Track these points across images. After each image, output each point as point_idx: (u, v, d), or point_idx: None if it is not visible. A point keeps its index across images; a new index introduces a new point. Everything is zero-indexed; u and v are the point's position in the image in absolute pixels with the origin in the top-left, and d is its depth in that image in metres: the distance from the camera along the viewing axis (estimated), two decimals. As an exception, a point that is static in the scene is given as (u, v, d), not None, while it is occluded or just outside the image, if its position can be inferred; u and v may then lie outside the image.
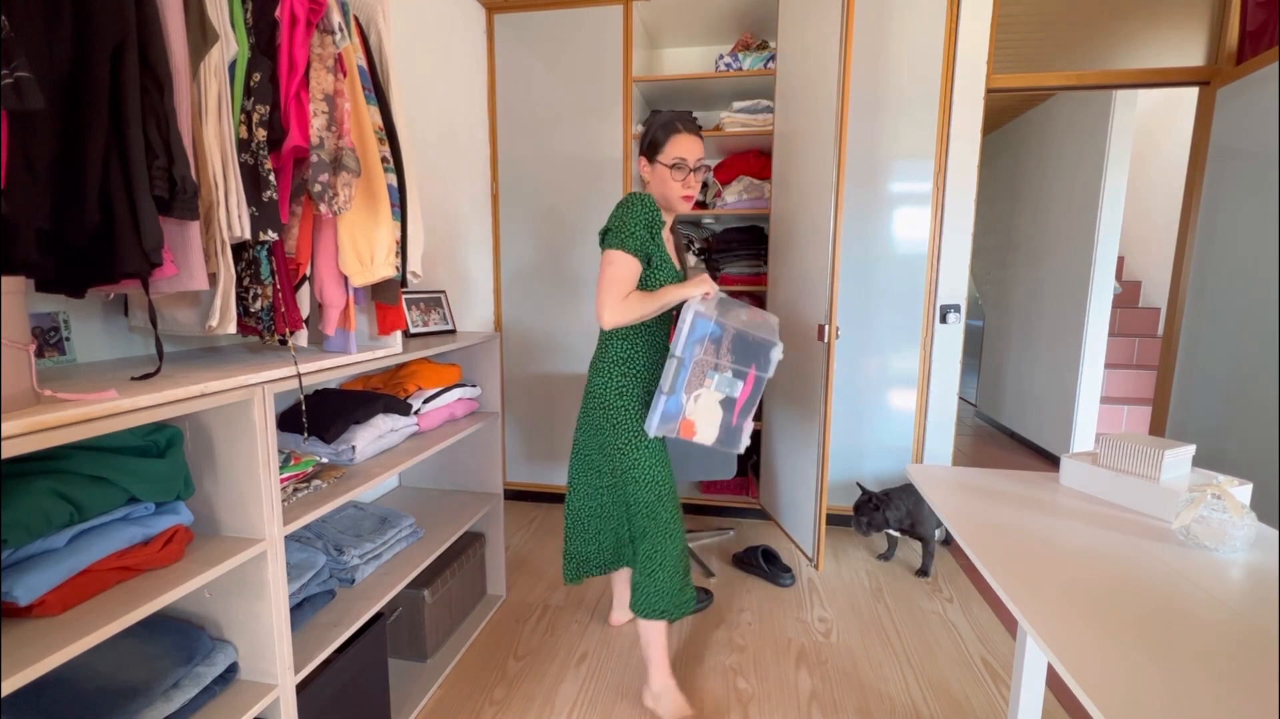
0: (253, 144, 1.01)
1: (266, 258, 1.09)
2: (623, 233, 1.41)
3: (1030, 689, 1.24)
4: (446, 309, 2.04)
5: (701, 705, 1.62)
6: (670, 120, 1.48)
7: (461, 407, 1.85)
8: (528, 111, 2.71)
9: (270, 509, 1.03)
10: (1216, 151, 2.33)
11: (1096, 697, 0.61)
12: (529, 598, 2.15)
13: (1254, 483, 1.04)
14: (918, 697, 1.66)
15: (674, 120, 1.47)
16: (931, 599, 2.15)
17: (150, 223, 0.83)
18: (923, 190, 2.41)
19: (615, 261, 1.40)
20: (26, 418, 0.69)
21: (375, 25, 1.33)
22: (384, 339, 1.42)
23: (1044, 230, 4.11)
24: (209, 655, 1.02)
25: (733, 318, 1.42)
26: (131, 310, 1.12)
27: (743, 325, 1.43)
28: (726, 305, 1.45)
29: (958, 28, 2.31)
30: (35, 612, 0.77)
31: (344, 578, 1.41)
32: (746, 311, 1.48)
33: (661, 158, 1.47)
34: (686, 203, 1.50)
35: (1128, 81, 2.43)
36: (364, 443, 1.42)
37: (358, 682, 1.35)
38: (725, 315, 1.41)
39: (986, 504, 1.13)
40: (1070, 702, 1.63)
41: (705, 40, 2.88)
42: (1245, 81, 2.19)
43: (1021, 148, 4.43)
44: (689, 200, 1.50)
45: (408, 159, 1.38)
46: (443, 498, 1.97)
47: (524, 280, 2.84)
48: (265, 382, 1.02)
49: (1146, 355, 4.21)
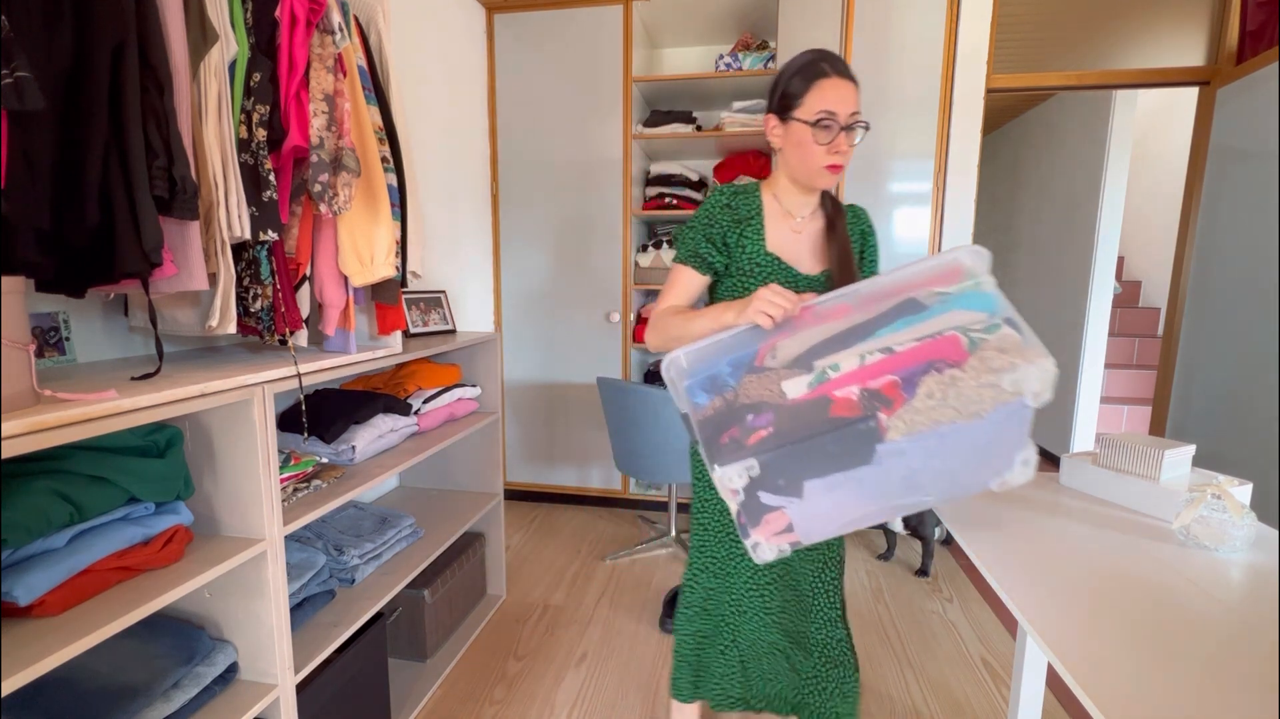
0: (253, 144, 1.01)
1: (266, 258, 1.09)
2: (678, 239, 1.18)
3: (1030, 689, 1.24)
4: (446, 309, 2.04)
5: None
6: (811, 61, 1.05)
7: (461, 407, 1.85)
8: (528, 112, 2.71)
9: (270, 509, 1.03)
10: (1216, 151, 2.33)
11: (1096, 697, 0.61)
12: (529, 598, 2.15)
13: (1254, 483, 1.04)
14: (918, 697, 1.65)
15: (816, 61, 1.05)
16: (931, 599, 2.15)
17: (150, 223, 0.83)
18: (923, 190, 2.41)
19: (669, 274, 1.17)
20: (26, 418, 0.69)
21: (375, 25, 1.33)
22: (384, 339, 1.42)
23: (1044, 230, 4.11)
24: (209, 655, 1.02)
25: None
26: (131, 310, 1.12)
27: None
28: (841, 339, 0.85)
29: (958, 28, 2.30)
30: (35, 612, 0.77)
31: (344, 578, 1.41)
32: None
33: (799, 113, 1.05)
34: (832, 175, 1.07)
35: (1128, 81, 2.43)
36: (364, 443, 1.42)
37: (358, 682, 1.35)
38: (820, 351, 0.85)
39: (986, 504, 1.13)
40: (1070, 702, 1.63)
41: (705, 40, 2.88)
42: (1245, 81, 2.19)
43: (1021, 148, 4.43)
44: (836, 172, 1.06)
45: (408, 159, 1.38)
46: (443, 498, 1.97)
47: (524, 280, 2.84)
48: (265, 381, 1.02)
49: (1146, 355, 4.20)
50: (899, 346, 0.81)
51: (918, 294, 0.85)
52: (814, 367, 0.83)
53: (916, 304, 0.84)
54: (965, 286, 0.83)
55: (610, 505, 2.98)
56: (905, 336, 0.82)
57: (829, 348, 0.85)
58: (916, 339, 0.81)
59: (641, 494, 2.90)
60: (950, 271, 0.86)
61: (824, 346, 0.85)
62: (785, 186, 1.14)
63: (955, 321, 0.81)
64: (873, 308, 0.86)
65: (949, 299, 0.83)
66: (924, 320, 0.82)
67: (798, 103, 1.06)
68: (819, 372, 0.82)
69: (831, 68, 1.04)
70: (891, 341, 0.82)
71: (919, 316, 0.83)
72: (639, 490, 2.91)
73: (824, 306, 0.90)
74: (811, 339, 0.86)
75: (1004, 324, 0.79)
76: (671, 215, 2.78)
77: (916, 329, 0.82)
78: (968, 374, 0.77)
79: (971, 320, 0.80)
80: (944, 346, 0.80)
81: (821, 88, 1.03)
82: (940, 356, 0.79)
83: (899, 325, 0.83)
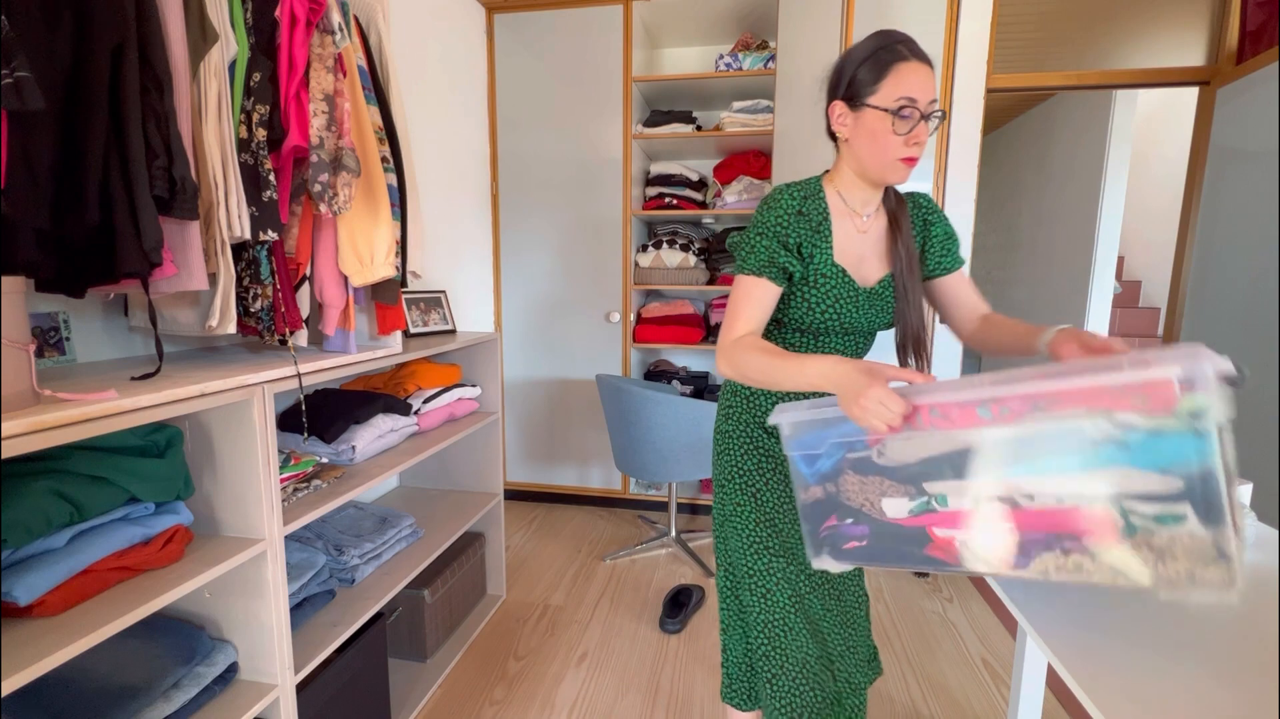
0: (253, 144, 1.01)
1: (266, 258, 1.09)
2: (742, 248, 1.02)
3: (1030, 689, 1.24)
4: (446, 309, 2.04)
5: (701, 705, 1.62)
6: (886, 44, 0.95)
7: (461, 406, 1.85)
8: (528, 112, 2.71)
9: (270, 509, 1.03)
10: (1216, 151, 2.33)
11: (1096, 697, 0.61)
12: (529, 598, 2.15)
13: (1254, 483, 1.04)
14: (918, 697, 1.65)
15: (891, 43, 0.95)
16: (931, 599, 2.15)
17: (150, 222, 0.83)
18: (923, 190, 2.41)
19: (734, 287, 1.02)
20: (26, 418, 0.69)
21: (375, 25, 1.33)
22: (384, 339, 1.42)
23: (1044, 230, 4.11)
24: (209, 655, 1.02)
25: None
26: (131, 310, 1.12)
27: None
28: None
29: (958, 28, 2.30)
30: (35, 612, 0.78)
31: (344, 578, 1.41)
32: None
33: (876, 99, 0.93)
34: (907, 168, 0.96)
35: (1128, 81, 2.43)
36: (364, 443, 1.42)
37: (358, 682, 1.35)
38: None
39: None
40: (1070, 702, 1.63)
41: (705, 40, 2.87)
42: (1245, 81, 2.19)
43: (1021, 148, 4.43)
44: (911, 164, 0.95)
45: (408, 159, 1.38)
46: (443, 498, 1.97)
47: (524, 280, 2.84)
48: (265, 381, 1.02)
49: (1146, 355, 4.20)
50: (1024, 500, 0.61)
51: (1092, 418, 0.57)
52: (922, 489, 0.69)
53: (1080, 436, 0.58)
54: (1170, 425, 0.53)
55: (610, 505, 2.99)
56: (1042, 487, 0.61)
57: (943, 467, 0.68)
58: (1056, 498, 0.60)
59: (641, 494, 2.90)
60: (1155, 389, 0.54)
61: (939, 463, 0.68)
62: (851, 181, 1.02)
63: (1121, 485, 0.56)
64: (1018, 418, 0.61)
65: (1135, 440, 0.55)
66: (1080, 470, 0.58)
67: (872, 89, 0.94)
68: (925, 500, 0.69)
69: (910, 50, 0.94)
70: (1020, 489, 0.62)
71: (1076, 459, 0.58)
72: (639, 490, 2.91)
73: (947, 401, 0.66)
74: (928, 446, 0.69)
75: (1189, 515, 0.53)
76: (671, 215, 2.78)
77: (1062, 480, 0.59)
78: (1102, 569, 0.58)
79: (1146, 487, 0.54)
80: (1086, 521, 0.58)
81: (900, 72, 0.92)
82: (1074, 532, 0.59)
83: (1043, 468, 0.61)
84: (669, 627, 1.95)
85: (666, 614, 1.97)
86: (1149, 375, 0.53)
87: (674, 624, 1.95)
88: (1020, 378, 0.61)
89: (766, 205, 1.02)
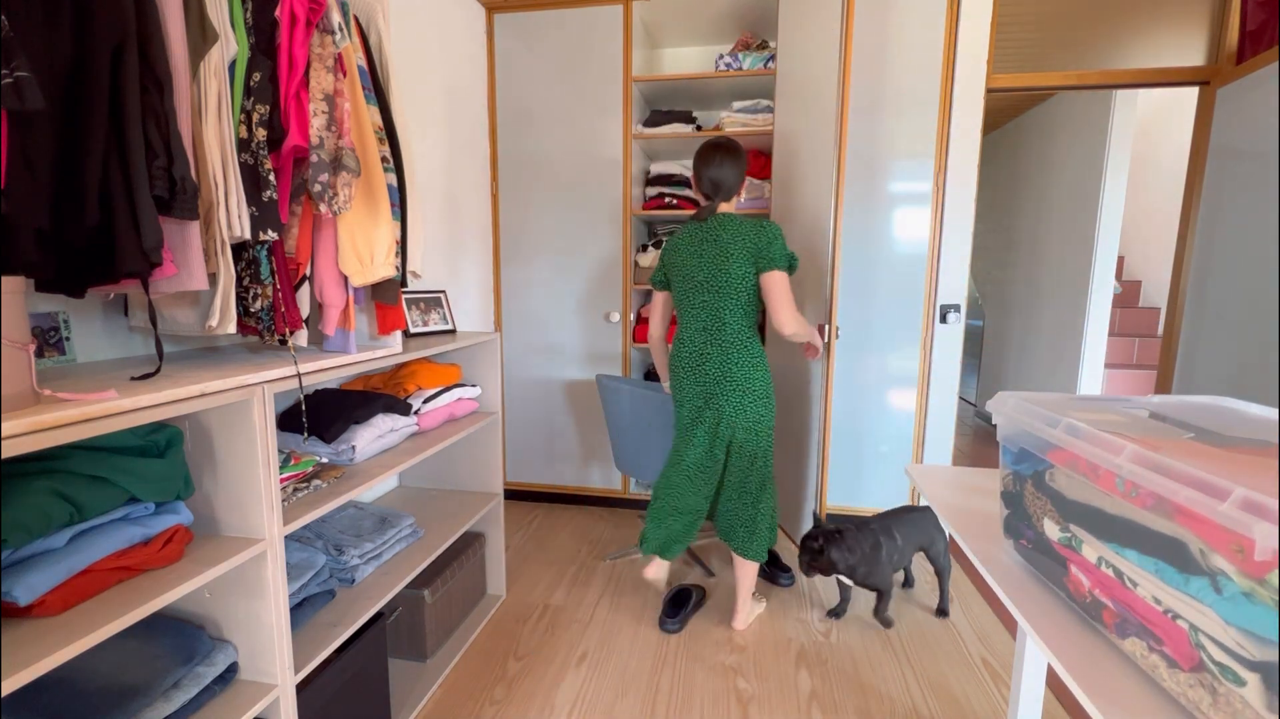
0: (253, 144, 1.01)
1: (266, 258, 1.09)
2: (784, 247, 1.71)
3: (1030, 689, 1.24)
4: (446, 309, 2.04)
5: (701, 705, 1.62)
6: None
7: (461, 406, 1.85)
8: (528, 111, 2.71)
9: (270, 509, 1.03)
10: (1216, 151, 2.33)
11: (1096, 697, 0.61)
12: (529, 598, 2.15)
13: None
14: (918, 697, 1.65)
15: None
16: (932, 599, 2.15)
17: (150, 222, 0.83)
18: (923, 190, 2.41)
19: (786, 281, 1.72)
20: (26, 418, 0.69)
21: (375, 25, 1.33)
22: (384, 339, 1.42)
23: (1044, 230, 4.11)
24: (209, 655, 1.02)
25: None
26: (131, 310, 1.12)
27: None
28: None
29: (958, 27, 2.30)
30: (35, 612, 0.78)
31: (344, 578, 1.41)
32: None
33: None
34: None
35: (1128, 81, 2.43)
36: (364, 443, 1.42)
37: (358, 682, 1.35)
38: None
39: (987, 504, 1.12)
40: (1070, 702, 1.63)
41: (705, 40, 2.88)
42: (1245, 81, 2.19)
43: (1021, 148, 4.43)
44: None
45: (408, 159, 1.38)
46: (443, 498, 1.97)
47: (524, 280, 2.84)
48: (265, 381, 1.02)
49: (1146, 355, 4.21)
50: (1130, 583, 0.62)
51: (1197, 544, 0.53)
52: (1067, 525, 0.72)
53: (1184, 554, 0.55)
54: (1261, 593, 0.48)
55: (610, 505, 2.98)
56: (1144, 578, 0.60)
57: (1082, 514, 0.69)
58: (1153, 598, 0.59)
59: (641, 494, 2.90)
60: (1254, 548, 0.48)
61: (1080, 509, 0.70)
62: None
63: (1202, 623, 0.53)
64: (1145, 506, 0.59)
65: (1228, 589, 0.51)
66: (1176, 588, 0.56)
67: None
68: (1068, 535, 0.72)
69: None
70: (1130, 568, 0.62)
71: (1177, 576, 0.56)
72: (639, 490, 2.91)
73: (1096, 460, 0.65)
74: (1089, 493, 0.68)
75: (1250, 684, 0.49)
76: (671, 215, 2.77)
77: (1159, 585, 0.58)
78: (1169, 682, 0.58)
79: (1224, 639, 0.51)
80: (1172, 634, 0.57)
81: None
82: (1161, 636, 0.58)
83: (1147, 564, 0.59)
84: (669, 627, 1.95)
85: (666, 614, 1.97)
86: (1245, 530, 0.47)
87: (674, 624, 1.95)
88: (1159, 464, 0.57)
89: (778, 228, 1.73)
